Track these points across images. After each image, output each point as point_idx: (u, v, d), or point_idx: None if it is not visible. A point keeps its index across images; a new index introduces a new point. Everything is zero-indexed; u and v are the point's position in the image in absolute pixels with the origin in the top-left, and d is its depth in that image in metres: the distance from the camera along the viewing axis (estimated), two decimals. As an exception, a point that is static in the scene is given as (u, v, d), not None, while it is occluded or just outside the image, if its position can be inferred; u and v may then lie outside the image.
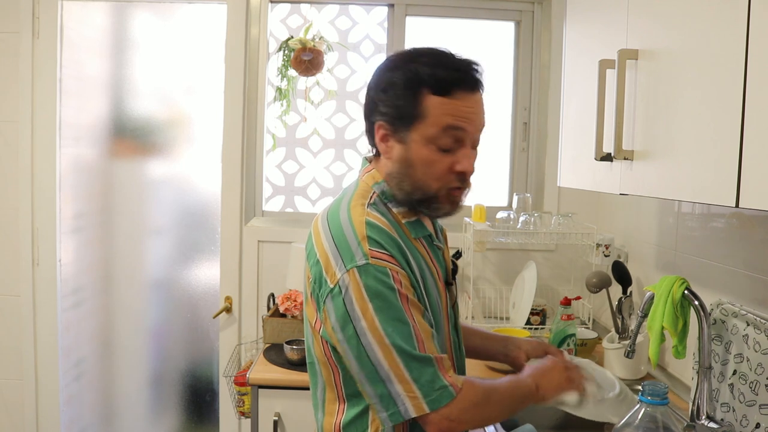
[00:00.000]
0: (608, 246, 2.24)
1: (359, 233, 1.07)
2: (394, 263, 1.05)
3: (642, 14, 1.28)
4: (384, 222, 1.10)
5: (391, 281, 1.04)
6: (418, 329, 1.05)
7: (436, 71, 1.08)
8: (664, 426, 1.08)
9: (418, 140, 1.10)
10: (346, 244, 1.07)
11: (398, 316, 1.03)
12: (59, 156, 2.50)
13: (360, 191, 1.16)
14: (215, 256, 2.58)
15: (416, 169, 1.11)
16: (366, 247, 1.05)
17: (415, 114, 1.08)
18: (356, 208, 1.11)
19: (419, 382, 1.03)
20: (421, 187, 1.12)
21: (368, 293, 1.03)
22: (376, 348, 1.03)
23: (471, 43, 2.59)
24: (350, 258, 1.05)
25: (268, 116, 2.56)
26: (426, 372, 1.03)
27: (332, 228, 1.10)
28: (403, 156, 1.11)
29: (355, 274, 1.04)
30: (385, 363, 1.03)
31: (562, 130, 1.80)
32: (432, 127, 1.08)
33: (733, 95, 0.92)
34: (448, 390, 1.04)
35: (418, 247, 1.15)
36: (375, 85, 1.14)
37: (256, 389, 2.01)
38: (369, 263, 1.04)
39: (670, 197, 1.14)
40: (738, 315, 1.44)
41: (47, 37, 2.44)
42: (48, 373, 2.54)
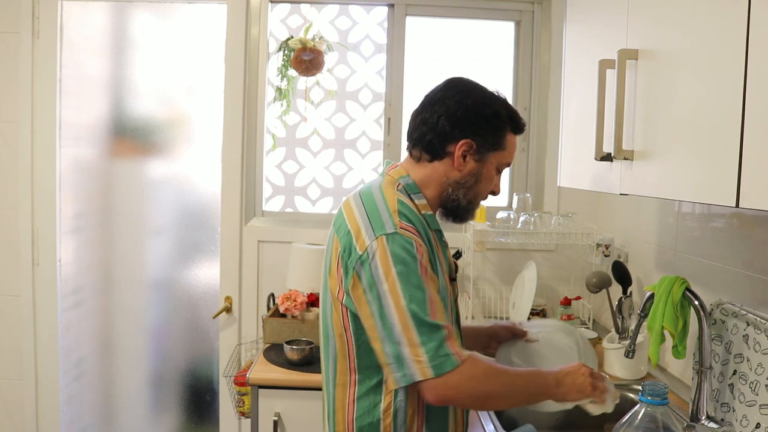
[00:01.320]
0: (608, 246, 2.24)
1: (391, 207, 1.21)
2: (418, 236, 1.18)
3: (642, 14, 1.28)
4: (411, 204, 1.25)
5: (414, 251, 1.15)
6: (433, 299, 1.14)
7: (517, 114, 1.34)
8: (664, 426, 1.08)
9: (493, 163, 1.31)
10: (377, 215, 1.20)
11: (417, 283, 1.13)
12: (59, 156, 2.50)
13: (387, 181, 1.30)
14: (215, 256, 2.58)
15: (481, 185, 1.31)
16: (396, 218, 1.18)
17: (500, 144, 1.30)
18: (388, 189, 1.26)
19: (426, 346, 1.11)
20: (477, 198, 1.33)
21: (393, 258, 1.14)
22: (394, 311, 1.12)
23: (471, 43, 2.59)
24: (380, 227, 1.17)
25: (268, 116, 2.56)
26: (434, 338, 1.11)
27: (366, 202, 1.24)
28: (476, 172, 1.30)
29: (383, 240, 1.15)
30: (399, 326, 1.12)
31: (562, 130, 1.80)
32: (505, 159, 1.32)
33: (734, 95, 0.92)
34: (452, 358, 1.11)
35: (432, 237, 1.27)
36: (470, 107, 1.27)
37: (256, 389, 2.01)
38: (397, 233, 1.16)
39: (670, 197, 1.14)
40: (738, 315, 1.44)
41: (47, 37, 2.44)
42: (48, 373, 2.54)
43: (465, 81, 1.33)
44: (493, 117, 1.28)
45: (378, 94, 2.57)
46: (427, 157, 1.30)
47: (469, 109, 1.27)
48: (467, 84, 1.33)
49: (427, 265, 1.16)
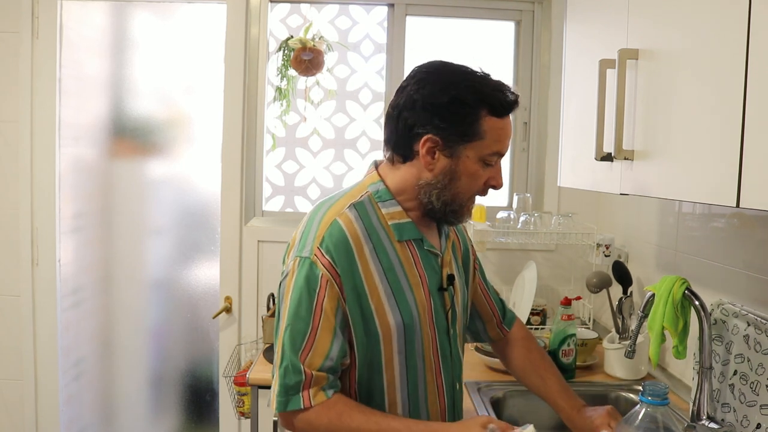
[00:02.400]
0: (608, 246, 2.23)
1: (320, 230, 1.14)
2: (331, 272, 1.11)
3: (642, 14, 1.28)
4: (352, 227, 1.14)
5: (316, 285, 1.10)
6: (314, 340, 1.10)
7: (496, 93, 1.13)
8: (664, 426, 1.08)
9: (471, 156, 1.14)
10: (306, 234, 1.16)
11: (303, 316, 1.11)
12: (59, 156, 2.50)
13: (353, 191, 1.21)
14: (215, 256, 2.57)
15: (460, 182, 1.16)
16: (316, 244, 1.12)
17: (473, 132, 1.12)
18: (336, 207, 1.17)
19: (280, 380, 1.12)
20: (458, 198, 1.17)
21: (295, 283, 1.12)
22: (279, 334, 1.15)
23: (471, 43, 2.59)
24: (302, 248, 1.14)
25: (268, 116, 2.56)
26: (291, 378, 1.11)
27: (309, 219, 1.19)
28: (450, 169, 1.15)
29: (296, 263, 1.13)
30: (276, 351, 1.15)
31: (562, 130, 1.79)
32: (487, 149, 1.14)
33: (734, 95, 0.92)
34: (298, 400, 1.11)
35: (400, 249, 1.18)
36: (429, 98, 1.12)
37: (256, 389, 2.01)
38: (309, 258, 1.12)
39: (671, 197, 1.14)
40: (738, 315, 1.44)
41: (47, 37, 2.44)
42: (47, 373, 2.54)
43: (429, 65, 1.17)
44: (454, 104, 1.11)
45: (378, 93, 2.57)
46: (399, 159, 1.18)
47: (427, 99, 1.12)
48: (432, 69, 1.16)
49: (328, 305, 1.09)
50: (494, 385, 1.80)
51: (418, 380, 1.20)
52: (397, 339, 1.16)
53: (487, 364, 1.98)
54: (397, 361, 1.17)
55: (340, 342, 1.12)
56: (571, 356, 1.85)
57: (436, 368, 1.22)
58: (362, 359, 1.16)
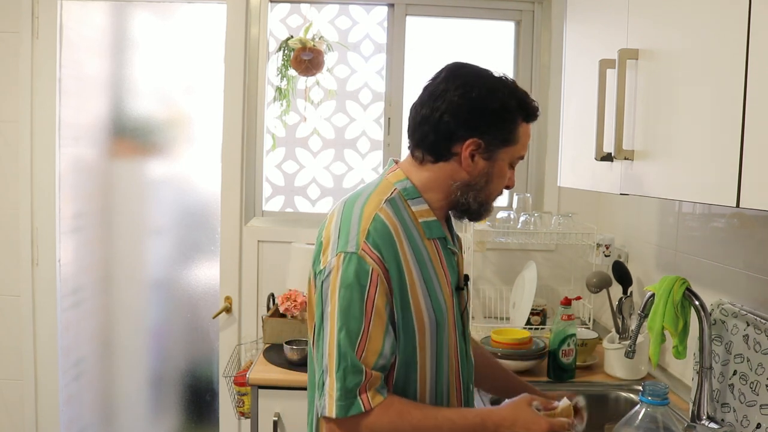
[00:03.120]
0: (608, 246, 2.23)
1: (363, 224, 1.11)
2: (380, 266, 1.08)
3: (642, 14, 1.28)
4: (393, 221, 1.13)
5: (366, 281, 1.07)
6: (368, 338, 1.07)
7: (529, 101, 1.20)
8: (664, 426, 1.08)
9: (505, 160, 1.20)
10: (347, 229, 1.12)
11: (355, 314, 1.07)
12: (59, 156, 2.50)
13: (381, 187, 1.20)
14: (215, 256, 2.57)
15: (493, 183, 1.21)
16: (362, 238, 1.09)
17: (511, 138, 1.19)
18: (372, 202, 1.16)
19: (340, 383, 1.06)
20: (491, 198, 1.23)
21: (341, 281, 1.08)
22: (327, 336, 1.08)
23: (471, 43, 2.59)
24: (344, 243, 1.10)
25: (268, 116, 2.56)
26: (351, 379, 1.06)
27: (344, 214, 1.16)
28: (487, 171, 1.19)
29: (341, 259, 1.09)
30: (327, 353, 1.08)
31: (562, 130, 1.80)
32: (518, 152, 1.21)
33: (734, 95, 0.92)
34: (359, 404, 1.06)
35: (429, 247, 1.18)
36: (476, 102, 1.15)
37: (256, 389, 2.01)
38: (356, 254, 1.08)
39: (671, 197, 1.14)
40: (738, 315, 1.44)
41: (47, 37, 2.44)
42: (47, 373, 2.54)
43: (468, 69, 1.20)
44: (501, 110, 1.16)
45: (378, 93, 2.57)
46: (430, 159, 1.19)
47: (475, 104, 1.15)
48: (470, 73, 1.19)
49: (379, 300, 1.07)
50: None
51: (443, 380, 1.20)
52: (430, 337, 1.15)
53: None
54: (429, 360, 1.17)
55: (391, 339, 1.10)
56: (571, 356, 1.86)
57: (456, 369, 1.23)
58: (401, 357, 1.14)
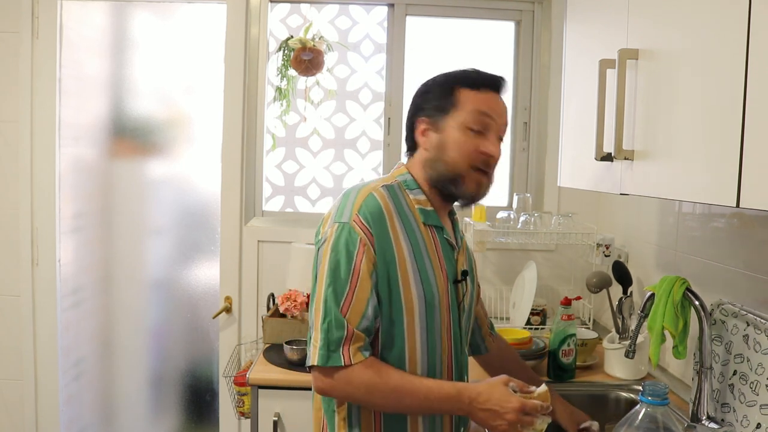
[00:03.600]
0: (608, 246, 2.23)
1: (358, 199, 1.22)
2: (369, 237, 1.18)
3: (642, 14, 1.28)
4: (385, 201, 1.23)
5: (354, 248, 1.17)
6: (352, 298, 1.16)
7: (468, 73, 1.29)
8: (664, 426, 1.08)
9: (453, 125, 1.26)
10: (343, 206, 1.23)
11: (342, 276, 1.16)
12: (59, 156, 2.50)
13: (384, 179, 1.32)
14: (215, 256, 2.58)
15: (449, 150, 1.26)
16: (355, 210, 1.20)
17: (450, 105, 1.26)
18: (370, 185, 1.26)
19: (323, 334, 1.16)
20: (452, 166, 1.26)
21: (333, 246, 1.19)
22: (317, 293, 1.19)
23: (471, 43, 2.59)
24: (340, 215, 1.21)
25: (268, 116, 2.56)
26: (334, 332, 1.15)
27: (344, 197, 1.27)
28: (440, 142, 1.27)
29: (335, 228, 1.20)
30: (313, 308, 1.19)
31: (562, 130, 1.79)
32: (463, 113, 1.25)
33: (734, 95, 0.92)
34: (338, 357, 1.15)
35: (425, 233, 1.27)
36: (417, 92, 1.34)
37: (256, 389, 2.01)
38: (348, 223, 1.19)
39: (671, 197, 1.14)
40: (738, 315, 1.44)
41: (47, 37, 2.44)
42: (47, 373, 2.54)
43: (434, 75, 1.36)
44: (435, 85, 1.30)
45: (378, 93, 2.57)
46: (410, 153, 1.35)
47: (420, 92, 1.33)
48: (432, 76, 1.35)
49: (365, 267, 1.17)
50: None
51: (436, 358, 1.26)
52: (419, 313, 1.22)
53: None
54: (419, 335, 1.23)
55: (374, 303, 1.18)
56: (571, 356, 1.85)
57: (449, 354, 1.28)
58: (384, 327, 1.21)
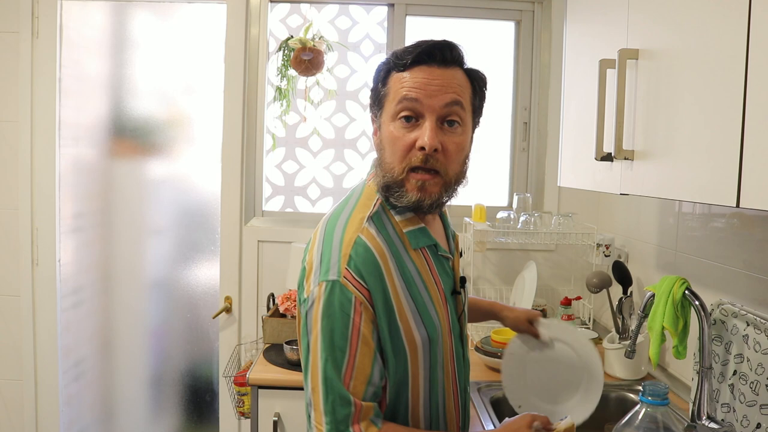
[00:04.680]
0: (608, 246, 2.23)
1: (344, 250, 1.04)
2: (365, 294, 1.02)
3: (642, 14, 1.28)
4: (376, 243, 1.06)
5: (350, 309, 1.01)
6: (353, 367, 1.01)
7: (399, 52, 1.09)
8: (664, 426, 1.08)
9: (386, 120, 1.09)
10: (329, 257, 1.05)
11: (340, 344, 1.01)
12: (59, 156, 2.50)
13: (364, 199, 1.12)
14: (215, 256, 2.58)
15: (386, 151, 1.09)
16: (343, 264, 1.03)
17: (383, 95, 1.10)
18: (354, 221, 1.08)
19: (329, 416, 1.01)
20: (389, 170, 1.08)
21: (323, 310, 1.01)
22: (311, 367, 1.03)
23: (471, 43, 2.57)
24: (326, 271, 1.03)
25: (268, 116, 2.56)
26: (339, 412, 1.01)
27: (326, 237, 1.09)
28: (380, 141, 1.11)
29: (323, 288, 1.02)
30: (311, 385, 1.04)
31: (562, 130, 1.80)
32: (392, 102, 1.07)
33: (734, 95, 0.92)
34: None
35: (416, 259, 1.11)
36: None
37: (256, 389, 2.01)
38: (338, 281, 1.02)
39: (671, 197, 1.14)
40: (738, 315, 1.44)
41: (47, 36, 2.44)
42: (48, 373, 2.54)
43: None
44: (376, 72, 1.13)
45: (378, 94, 2.57)
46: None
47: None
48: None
49: (365, 327, 1.01)
50: (494, 385, 1.80)
51: (438, 391, 1.16)
52: (422, 355, 1.10)
53: (487, 364, 1.98)
54: (422, 376, 1.12)
55: (380, 365, 1.05)
56: (571, 356, 1.85)
57: (452, 375, 1.20)
58: (393, 379, 1.09)
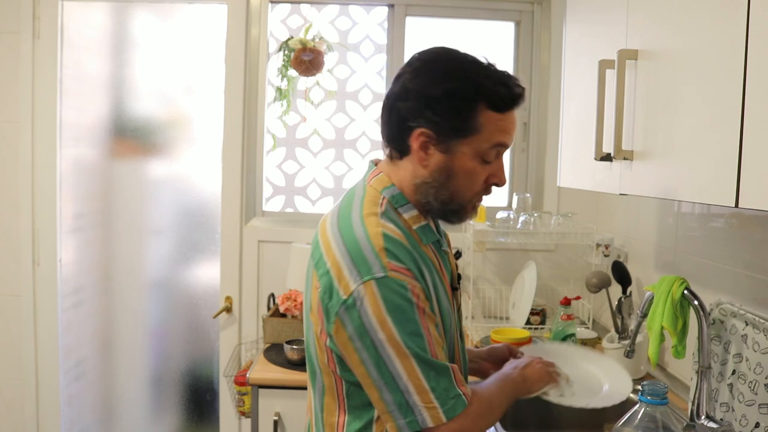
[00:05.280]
0: (608, 246, 2.24)
1: (376, 245, 1.03)
2: (411, 276, 1.03)
3: (642, 14, 1.28)
4: (399, 234, 1.06)
5: (409, 294, 1.02)
6: (433, 341, 1.03)
7: (497, 87, 1.07)
8: (663, 426, 1.08)
9: (467, 153, 1.08)
10: (361, 255, 1.03)
11: (416, 329, 1.02)
12: (59, 156, 2.50)
13: (369, 198, 1.11)
14: (215, 256, 2.58)
15: (458, 180, 1.09)
16: (384, 259, 1.02)
17: (470, 127, 1.06)
18: (370, 218, 1.08)
19: (436, 391, 1.02)
20: (459, 197, 1.11)
21: (387, 306, 1.01)
22: (395, 359, 1.01)
23: (471, 44, 2.58)
24: (367, 270, 1.02)
25: (268, 116, 2.56)
26: (442, 381, 1.02)
27: (345, 238, 1.06)
28: (445, 166, 1.08)
29: (373, 286, 1.01)
30: (404, 374, 1.01)
31: (562, 130, 1.80)
32: (485, 143, 1.07)
33: (733, 95, 0.92)
34: (462, 399, 1.03)
35: (428, 253, 1.12)
36: (422, 89, 1.06)
37: (256, 389, 2.01)
38: (387, 276, 1.01)
39: (670, 197, 1.14)
40: (737, 315, 1.44)
41: (47, 37, 2.44)
42: (48, 373, 2.54)
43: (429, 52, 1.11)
44: (452, 96, 1.05)
45: (378, 94, 2.57)
46: (396, 155, 1.12)
47: (420, 90, 1.06)
48: (428, 56, 1.10)
49: (424, 305, 1.04)
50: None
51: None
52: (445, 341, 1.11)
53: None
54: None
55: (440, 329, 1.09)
56: (571, 356, 1.86)
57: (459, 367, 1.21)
58: None
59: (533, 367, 1.22)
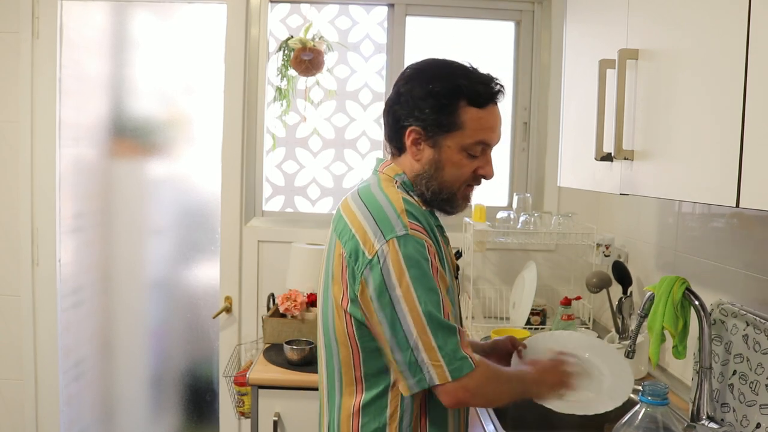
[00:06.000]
0: (608, 246, 2.24)
1: (398, 207, 1.15)
2: (428, 237, 1.14)
3: (642, 14, 1.28)
4: (416, 201, 1.21)
5: (426, 252, 1.12)
6: (445, 301, 1.12)
7: (475, 85, 1.19)
8: (664, 426, 1.08)
9: (452, 147, 1.20)
10: (384, 216, 1.14)
11: (431, 285, 1.10)
12: (59, 156, 2.50)
13: (385, 179, 1.24)
14: (215, 256, 2.58)
15: (445, 171, 1.21)
16: (405, 219, 1.13)
17: (452, 123, 1.18)
18: (389, 188, 1.21)
19: (444, 350, 1.09)
20: (447, 187, 1.22)
21: (406, 262, 1.10)
22: (408, 315, 1.09)
23: (471, 43, 2.59)
24: (390, 229, 1.12)
25: (268, 116, 2.56)
26: (450, 341, 1.09)
27: (369, 204, 1.18)
28: (435, 159, 1.21)
29: (395, 243, 1.11)
30: (415, 330, 1.09)
31: (562, 130, 1.80)
32: (468, 138, 1.19)
33: (734, 95, 0.92)
34: (468, 361, 1.10)
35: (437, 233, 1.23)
36: (411, 92, 1.21)
37: (256, 389, 2.01)
38: (408, 234, 1.12)
39: (670, 197, 1.14)
40: (738, 315, 1.44)
41: (47, 36, 2.44)
42: (48, 373, 2.54)
43: (420, 62, 1.26)
44: (437, 95, 1.18)
45: (378, 94, 2.57)
46: (396, 153, 1.27)
47: (414, 91, 1.20)
48: (419, 65, 1.25)
49: (438, 265, 1.13)
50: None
51: None
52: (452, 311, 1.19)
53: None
54: None
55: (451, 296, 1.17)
56: (571, 356, 1.85)
57: None
58: None
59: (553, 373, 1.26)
